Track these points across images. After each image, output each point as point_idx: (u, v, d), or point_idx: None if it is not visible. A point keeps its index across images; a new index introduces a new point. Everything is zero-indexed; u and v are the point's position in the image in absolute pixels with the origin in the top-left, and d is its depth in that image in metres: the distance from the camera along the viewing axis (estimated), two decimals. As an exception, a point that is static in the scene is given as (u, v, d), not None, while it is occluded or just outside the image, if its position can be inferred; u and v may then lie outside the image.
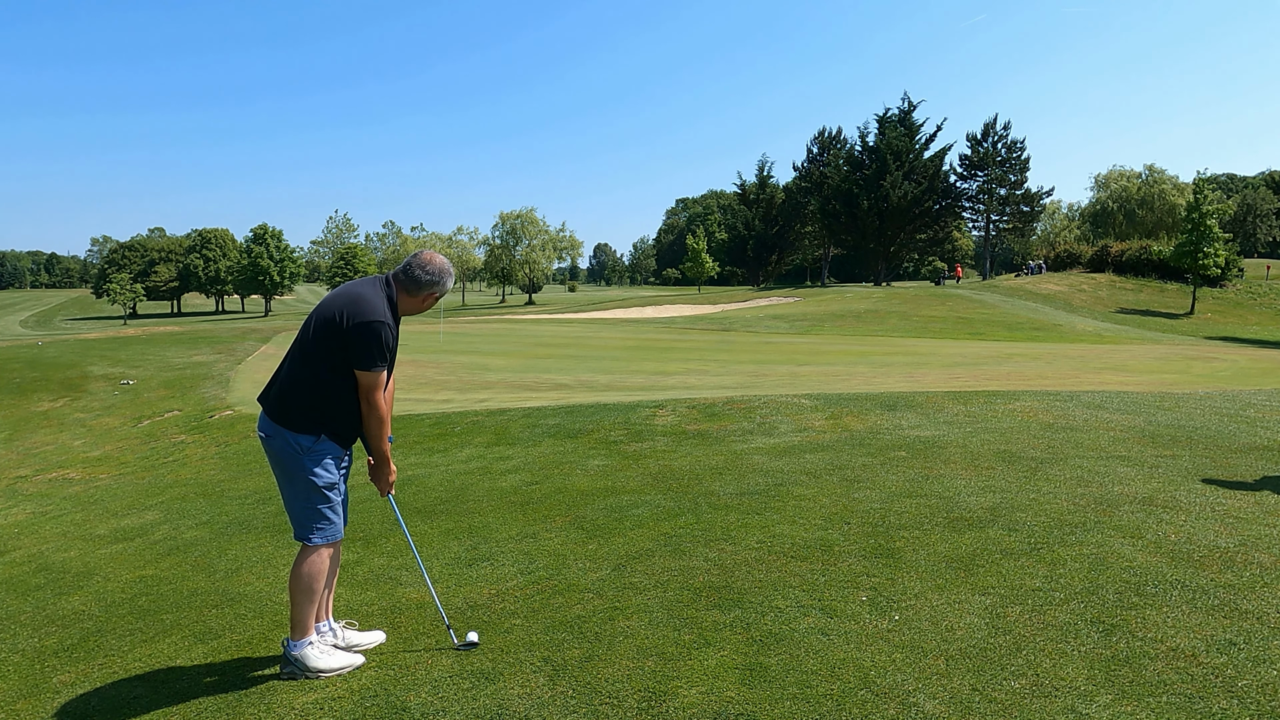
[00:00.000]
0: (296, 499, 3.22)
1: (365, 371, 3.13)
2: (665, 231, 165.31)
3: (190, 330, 31.04)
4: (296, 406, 3.16)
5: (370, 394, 3.16)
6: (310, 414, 3.16)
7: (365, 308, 3.11)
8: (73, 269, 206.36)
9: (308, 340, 3.17)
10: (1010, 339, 28.58)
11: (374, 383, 3.15)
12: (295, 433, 3.15)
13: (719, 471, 5.83)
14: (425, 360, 18.94)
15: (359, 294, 3.16)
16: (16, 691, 3.49)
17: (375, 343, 3.10)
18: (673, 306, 49.73)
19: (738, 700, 2.67)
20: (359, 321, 3.09)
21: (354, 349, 3.10)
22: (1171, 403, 7.66)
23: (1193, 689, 2.56)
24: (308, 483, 3.18)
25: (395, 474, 3.36)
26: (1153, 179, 78.20)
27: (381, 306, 3.15)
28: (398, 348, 3.35)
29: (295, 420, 3.15)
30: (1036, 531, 4.03)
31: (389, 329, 3.15)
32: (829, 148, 72.84)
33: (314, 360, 3.15)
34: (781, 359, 19.02)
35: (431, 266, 3.26)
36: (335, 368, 3.13)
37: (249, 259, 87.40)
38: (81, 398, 16.30)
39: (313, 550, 3.22)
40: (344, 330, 3.09)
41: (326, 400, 3.15)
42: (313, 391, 3.15)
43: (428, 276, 3.25)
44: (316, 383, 3.14)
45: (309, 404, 3.15)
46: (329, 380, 3.14)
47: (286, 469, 3.20)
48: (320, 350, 3.13)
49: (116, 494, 8.75)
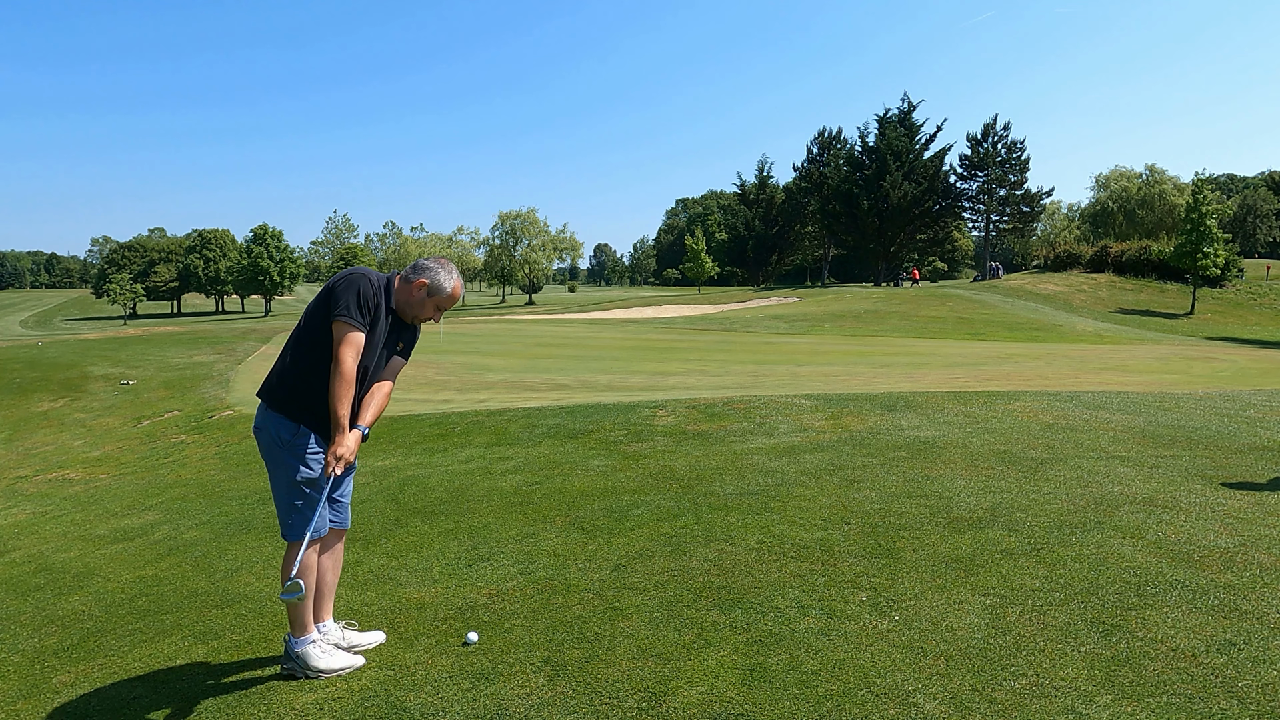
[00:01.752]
0: (277, 491, 3.24)
1: (337, 320, 3.05)
2: (665, 232, 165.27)
3: (190, 330, 31.04)
4: (282, 393, 3.18)
5: (339, 348, 3.04)
6: (292, 401, 3.15)
7: (352, 271, 3.17)
8: (73, 269, 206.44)
9: (301, 327, 3.20)
10: (1010, 339, 28.59)
11: (345, 337, 3.04)
12: (277, 424, 3.16)
13: (719, 472, 5.83)
14: (425, 360, 18.94)
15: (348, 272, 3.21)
16: (16, 691, 3.49)
17: (351, 293, 3.09)
18: (673, 307, 49.72)
19: (738, 700, 2.67)
20: (342, 276, 3.14)
21: (333, 303, 3.09)
22: (1172, 403, 7.66)
23: (1193, 689, 2.56)
24: (285, 477, 3.18)
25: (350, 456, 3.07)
26: (1153, 179, 78.19)
27: (370, 273, 3.19)
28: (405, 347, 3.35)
29: (279, 406, 3.17)
30: (1036, 532, 4.03)
31: (370, 285, 3.14)
32: (829, 148, 72.83)
33: (303, 344, 3.17)
34: (781, 359, 19.02)
35: (431, 259, 3.32)
36: (320, 344, 3.11)
37: (249, 259, 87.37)
38: (81, 398, 16.30)
39: (293, 548, 3.20)
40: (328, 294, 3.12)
41: (308, 384, 3.12)
42: (297, 376, 3.15)
43: (423, 269, 3.27)
44: (302, 367, 3.15)
45: (292, 387, 3.15)
46: (314, 364, 3.12)
47: (270, 461, 3.22)
48: (311, 332, 3.15)
49: (116, 494, 8.74)
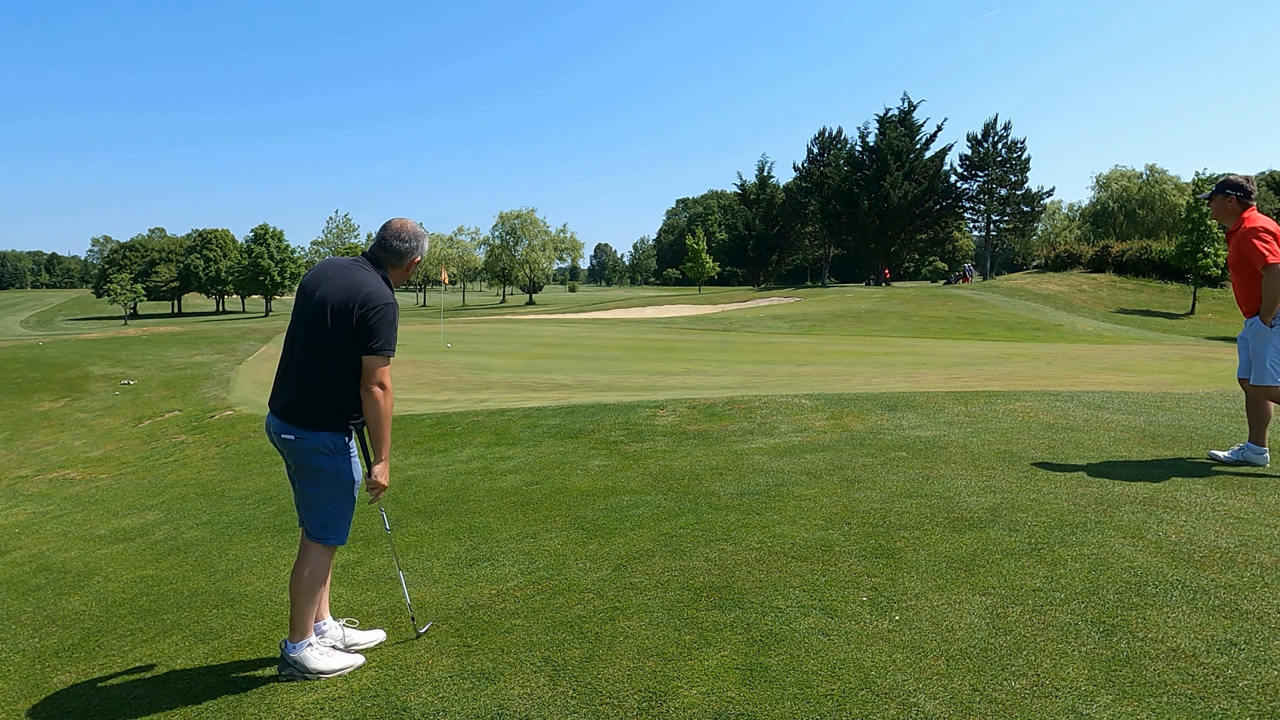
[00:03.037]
0: (323, 499, 3.19)
1: (377, 355, 3.07)
2: (665, 231, 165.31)
3: (191, 330, 31.04)
4: (323, 406, 3.11)
5: (384, 380, 3.09)
6: (340, 412, 3.13)
7: (376, 292, 3.10)
8: (73, 269, 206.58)
9: (322, 335, 3.09)
10: (1010, 339, 28.56)
11: (383, 370, 3.09)
12: (317, 439, 3.12)
13: (719, 472, 5.83)
14: (425, 360, 18.94)
15: (362, 280, 3.13)
16: (17, 691, 3.49)
17: (390, 327, 3.08)
18: (673, 307, 49.72)
19: (738, 700, 2.67)
20: (374, 305, 3.06)
21: (369, 334, 3.05)
22: (1172, 403, 7.65)
23: (1193, 689, 2.56)
24: (336, 482, 3.17)
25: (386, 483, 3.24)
26: (1154, 179, 78.13)
27: (388, 290, 3.17)
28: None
29: (325, 420, 3.11)
30: (1037, 532, 4.03)
31: (396, 306, 3.15)
32: (829, 148, 72.82)
33: (333, 357, 3.08)
34: (782, 359, 19.01)
35: (406, 233, 3.25)
36: (349, 359, 3.09)
37: (249, 259, 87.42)
38: (82, 398, 16.30)
39: (321, 551, 3.22)
40: (358, 317, 3.05)
41: (340, 396, 3.11)
42: (338, 389, 3.10)
43: (407, 244, 3.24)
44: (339, 380, 3.10)
45: (338, 401, 3.11)
46: (346, 378, 3.10)
47: (314, 469, 3.16)
48: (335, 348, 3.07)
49: (117, 494, 8.74)
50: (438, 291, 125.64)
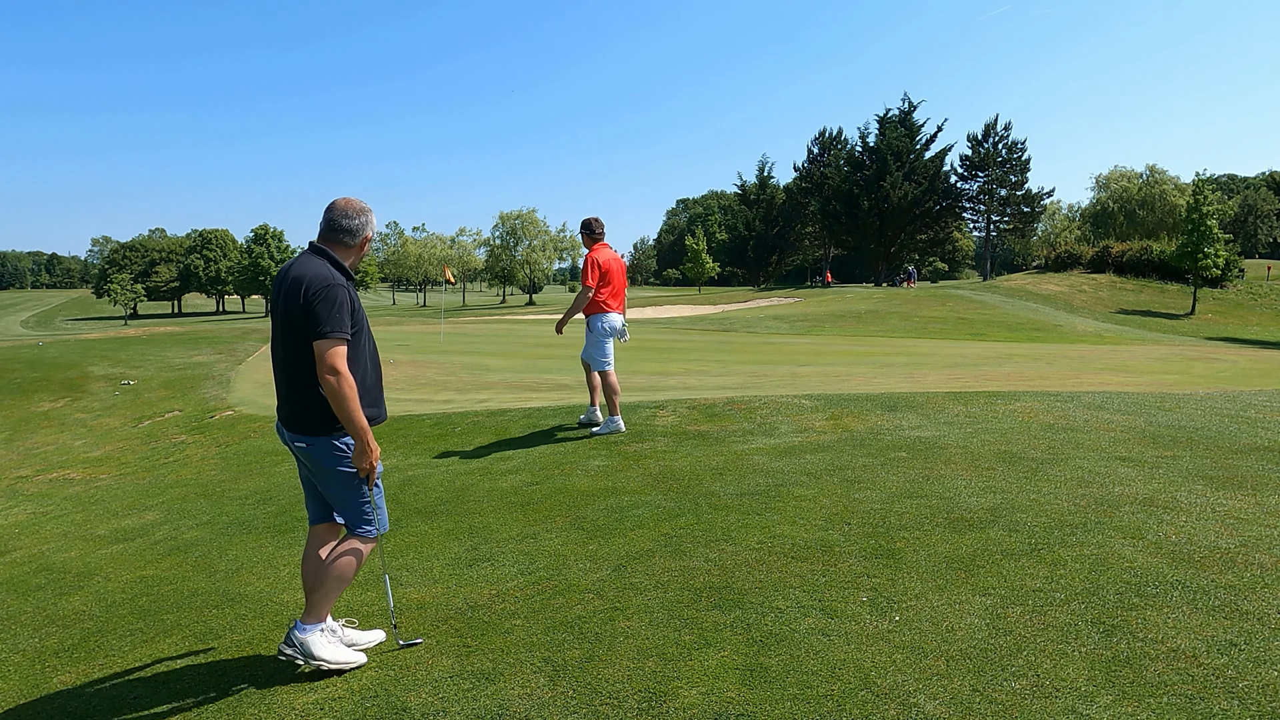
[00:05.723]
0: (350, 497, 3.20)
1: (323, 339, 2.95)
2: (665, 232, 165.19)
3: (191, 330, 31.04)
4: (319, 410, 3.09)
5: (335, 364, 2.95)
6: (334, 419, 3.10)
7: (314, 277, 3.02)
8: (73, 269, 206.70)
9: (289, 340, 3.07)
10: (1011, 339, 28.56)
11: (335, 352, 2.96)
12: (339, 436, 3.12)
13: (719, 472, 5.83)
14: (426, 360, 18.94)
15: (301, 272, 3.05)
16: (17, 691, 3.49)
17: (331, 306, 2.97)
18: (673, 307, 49.71)
19: (738, 701, 2.67)
20: (313, 290, 2.98)
21: (313, 320, 2.95)
22: (1172, 403, 7.65)
23: (1193, 690, 2.56)
24: (356, 478, 3.18)
25: (378, 452, 3.12)
26: (1154, 179, 78.17)
27: (328, 272, 3.06)
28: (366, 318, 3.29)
29: (327, 425, 3.10)
30: (1037, 532, 4.03)
31: (345, 290, 3.06)
32: (829, 148, 72.81)
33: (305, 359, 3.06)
34: (782, 359, 19.01)
35: (352, 210, 3.20)
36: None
37: (250, 259, 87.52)
38: (82, 398, 16.30)
39: (363, 540, 3.24)
40: (302, 307, 2.98)
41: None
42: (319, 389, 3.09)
43: (356, 221, 3.19)
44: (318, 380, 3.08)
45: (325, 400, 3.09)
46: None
47: (331, 472, 3.17)
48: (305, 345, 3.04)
49: (117, 494, 8.74)
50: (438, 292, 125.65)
